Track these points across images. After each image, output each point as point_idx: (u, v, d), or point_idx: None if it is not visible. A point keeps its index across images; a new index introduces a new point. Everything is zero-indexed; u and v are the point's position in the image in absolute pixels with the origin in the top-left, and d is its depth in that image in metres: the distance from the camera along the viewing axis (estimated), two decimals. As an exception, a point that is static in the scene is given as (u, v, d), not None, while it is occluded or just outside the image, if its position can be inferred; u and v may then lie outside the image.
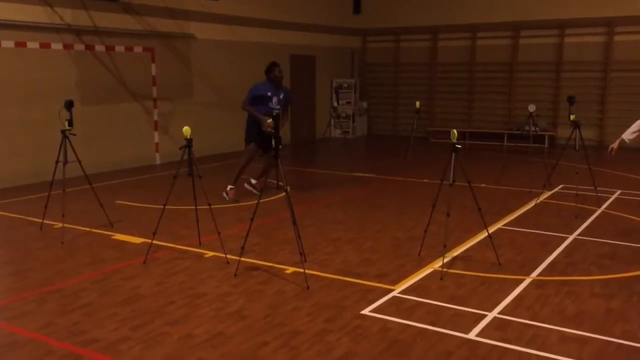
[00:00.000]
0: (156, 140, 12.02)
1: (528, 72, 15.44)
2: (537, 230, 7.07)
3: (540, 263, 5.86)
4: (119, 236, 6.83)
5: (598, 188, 8.34)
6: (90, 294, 5.08)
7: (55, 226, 7.08)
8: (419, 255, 6.07)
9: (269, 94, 8.46)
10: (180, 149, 5.93)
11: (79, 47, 10.45)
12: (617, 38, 14.28)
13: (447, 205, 5.77)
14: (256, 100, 8.46)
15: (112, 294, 5.09)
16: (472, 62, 16.10)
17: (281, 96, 8.55)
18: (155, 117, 11.96)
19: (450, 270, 5.62)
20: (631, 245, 6.46)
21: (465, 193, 6.07)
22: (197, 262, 5.92)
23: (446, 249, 5.81)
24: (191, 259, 6.01)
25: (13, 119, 9.57)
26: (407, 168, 11.25)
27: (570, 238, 6.73)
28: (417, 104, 11.62)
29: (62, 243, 6.53)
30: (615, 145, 6.86)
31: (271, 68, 8.59)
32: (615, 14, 14.11)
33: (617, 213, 7.87)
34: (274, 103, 8.49)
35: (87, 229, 7.13)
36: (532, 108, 9.82)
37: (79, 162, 6.76)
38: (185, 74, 12.55)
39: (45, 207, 7.03)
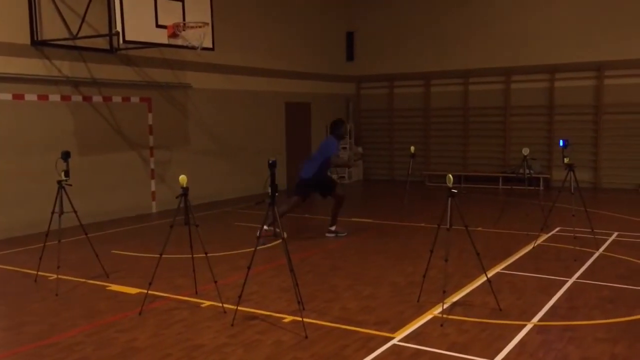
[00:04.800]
0: (152, 188, 12.02)
1: (521, 116, 15.63)
2: (537, 274, 7.02)
3: (541, 308, 5.79)
4: (115, 287, 6.74)
5: (595, 230, 8.33)
6: (85, 348, 4.98)
7: (50, 278, 7.00)
8: (418, 301, 6.01)
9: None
10: (176, 197, 5.93)
11: (77, 98, 10.55)
12: (607, 82, 14.52)
13: (445, 250, 5.74)
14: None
15: (107, 347, 4.99)
16: (466, 106, 16.31)
17: None
18: (152, 166, 11.99)
19: (451, 317, 5.54)
20: (632, 288, 6.42)
21: (463, 237, 6.04)
22: (194, 312, 5.84)
23: (445, 294, 5.75)
24: (188, 309, 5.93)
25: (10, 169, 9.57)
26: (404, 213, 11.24)
27: (570, 281, 6.68)
28: (412, 148, 11.70)
29: (57, 295, 6.44)
30: None
31: (340, 125, 9.12)
32: (605, 58, 14.39)
33: (615, 255, 7.84)
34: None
35: (83, 280, 7.05)
36: (525, 151, 9.91)
37: (75, 212, 6.73)
38: (182, 122, 12.65)
39: (40, 258, 6.96)
